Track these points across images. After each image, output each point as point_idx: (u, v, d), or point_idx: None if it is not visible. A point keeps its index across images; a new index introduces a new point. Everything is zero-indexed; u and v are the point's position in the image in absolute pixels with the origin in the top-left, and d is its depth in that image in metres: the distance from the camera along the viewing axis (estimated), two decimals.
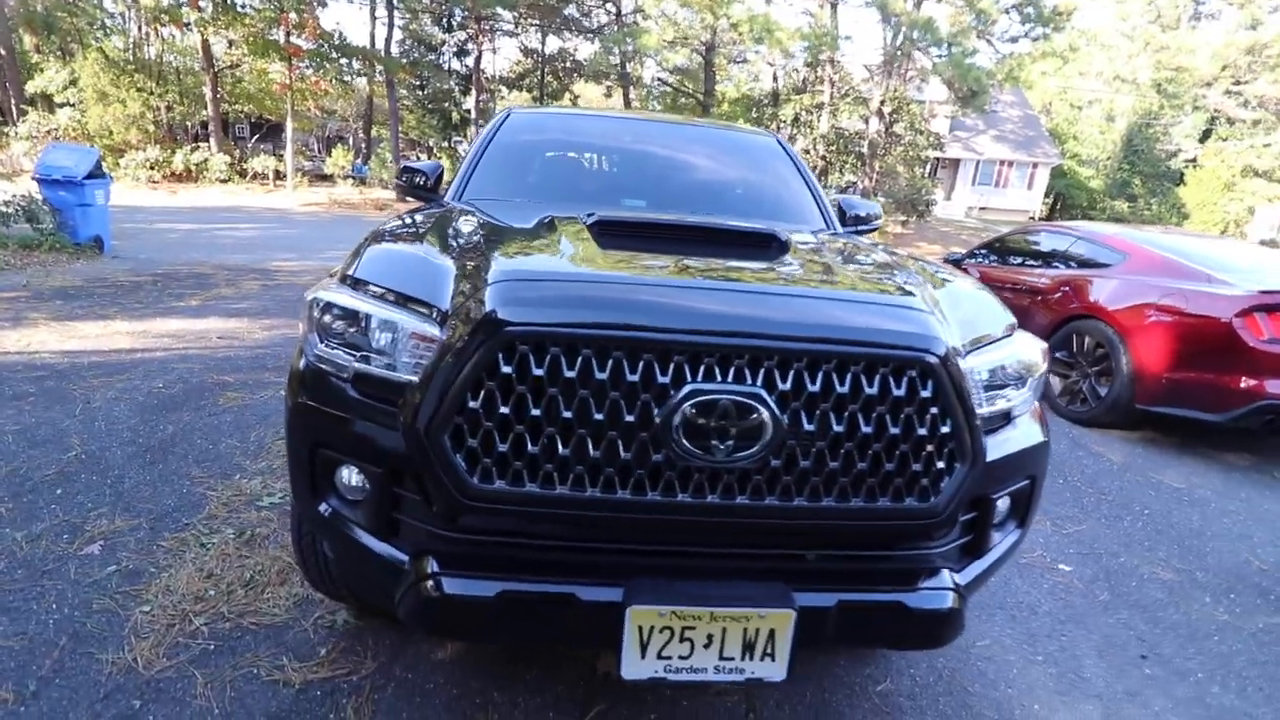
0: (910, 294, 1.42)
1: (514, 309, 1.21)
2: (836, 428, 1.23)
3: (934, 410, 1.26)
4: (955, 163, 32.35)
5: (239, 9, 20.45)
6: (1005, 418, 1.50)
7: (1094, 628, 2.33)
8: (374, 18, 25.59)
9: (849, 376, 1.23)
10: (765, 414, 1.19)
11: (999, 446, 1.43)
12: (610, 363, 1.19)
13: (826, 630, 1.26)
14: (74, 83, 21.48)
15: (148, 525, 2.52)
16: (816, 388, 1.22)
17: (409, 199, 2.86)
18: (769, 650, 1.24)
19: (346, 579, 1.82)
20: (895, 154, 21.42)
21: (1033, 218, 31.28)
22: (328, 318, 1.44)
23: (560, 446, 1.21)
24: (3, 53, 20.64)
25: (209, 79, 22.34)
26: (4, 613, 2.01)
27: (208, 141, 22.87)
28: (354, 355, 1.38)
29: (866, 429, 1.24)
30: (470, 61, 28.35)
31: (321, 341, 1.44)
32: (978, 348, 1.45)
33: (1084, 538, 3.00)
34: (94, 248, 8.39)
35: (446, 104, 31.01)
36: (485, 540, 1.29)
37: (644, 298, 1.27)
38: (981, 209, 31.52)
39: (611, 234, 1.63)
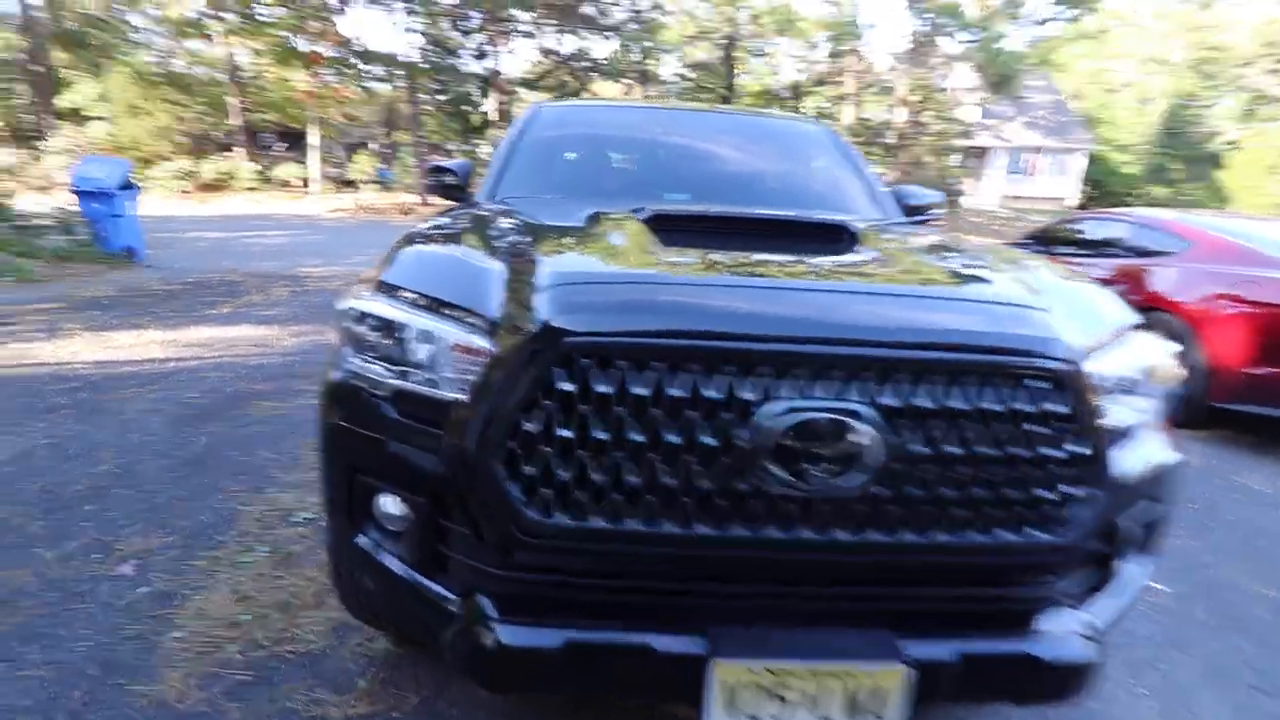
0: (1027, 291, 1.24)
1: (574, 316, 1.06)
2: (952, 449, 1.06)
3: (1065, 426, 1.08)
4: (983, 151, 31.60)
5: (261, 19, 20.68)
6: (1133, 432, 1.32)
7: (1198, 653, 2.12)
8: (393, 23, 25.73)
9: (967, 388, 1.06)
10: (869, 434, 1.03)
11: (1131, 466, 1.25)
12: (687, 377, 1.04)
13: (942, 686, 1.09)
14: (105, 96, 21.94)
15: (180, 543, 2.43)
16: (928, 402, 1.05)
17: (432, 203, 2.75)
18: (876, 711, 1.07)
19: (388, 613, 1.69)
20: (923, 144, 20.96)
21: (1067, 206, 30.43)
22: (362, 328, 1.31)
23: (630, 474, 1.05)
24: (40, 70, 21.14)
25: (235, 89, 22.66)
26: (34, 639, 1.92)
27: (235, 151, 23.21)
28: (392, 370, 1.25)
29: (987, 450, 1.06)
30: (489, 64, 28.37)
31: (356, 355, 1.31)
32: (1101, 351, 1.27)
33: (1173, 550, 2.76)
34: (127, 258, 8.47)
35: (466, 107, 31.07)
36: (545, 579, 1.14)
37: (723, 301, 1.12)
38: (1013, 198, 30.73)
39: (669, 229, 1.48)
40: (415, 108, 23.31)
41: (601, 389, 1.03)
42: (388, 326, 1.27)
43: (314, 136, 22.88)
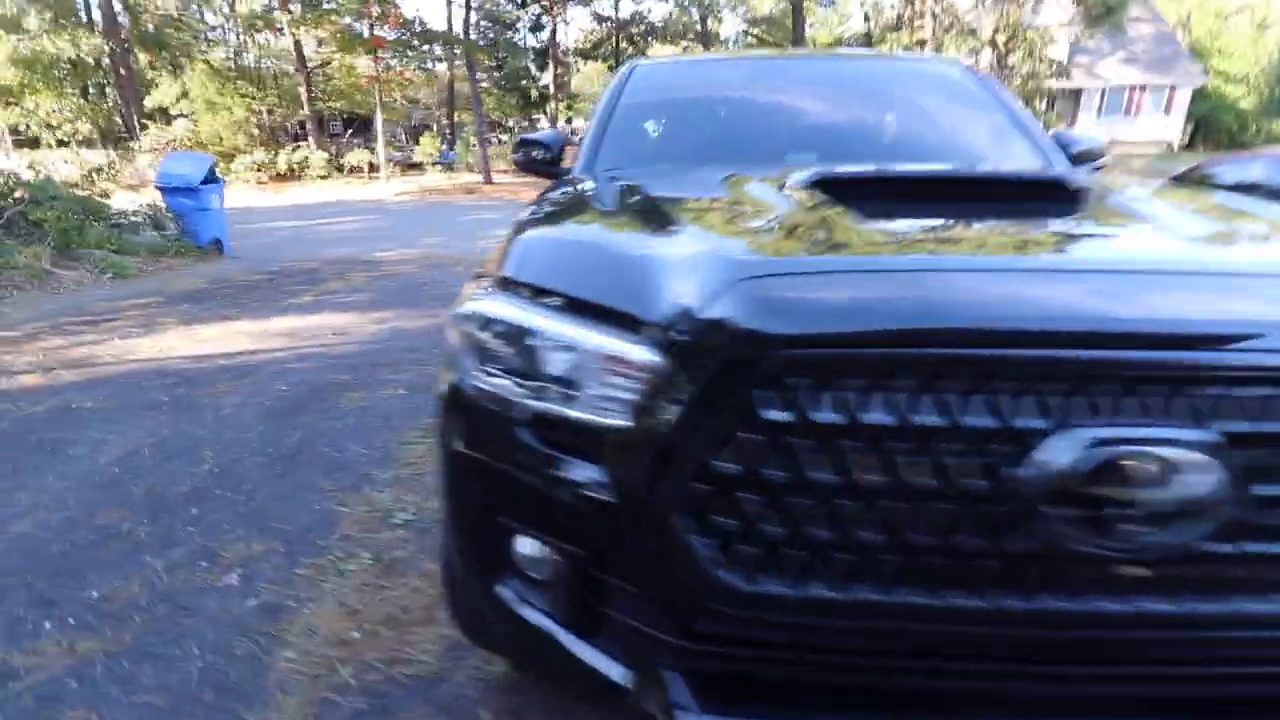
0: None
1: (783, 319, 0.80)
2: None
3: None
4: (1076, 93, 29.04)
5: (324, 6, 20.98)
6: None
7: None
8: (450, 2, 25.69)
9: None
10: (1206, 470, 0.72)
11: None
12: (944, 397, 0.76)
13: None
14: (185, 95, 22.87)
15: (283, 549, 2.34)
16: None
17: (497, 183, 2.51)
18: None
19: (527, 663, 1.46)
20: (1012, 88, 19.34)
21: (1170, 147, 27.77)
22: (486, 335, 1.07)
23: (864, 530, 0.79)
24: (123, 73, 22.22)
25: (303, 79, 23.22)
26: (147, 659, 1.85)
27: (306, 140, 23.86)
28: (526, 387, 1.01)
29: None
30: (545, 35, 28.08)
31: (480, 368, 1.08)
32: None
33: None
34: (215, 250, 8.74)
35: (524, 81, 30.95)
36: (747, 655, 0.89)
37: (989, 292, 0.82)
38: (1110, 142, 28.20)
39: (852, 197, 1.17)
40: (474, 85, 23.27)
41: (823, 418, 0.76)
42: (516, 333, 1.03)
43: (379, 122, 23.24)
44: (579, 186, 1.77)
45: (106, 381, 4.03)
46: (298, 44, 22.50)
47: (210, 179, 8.68)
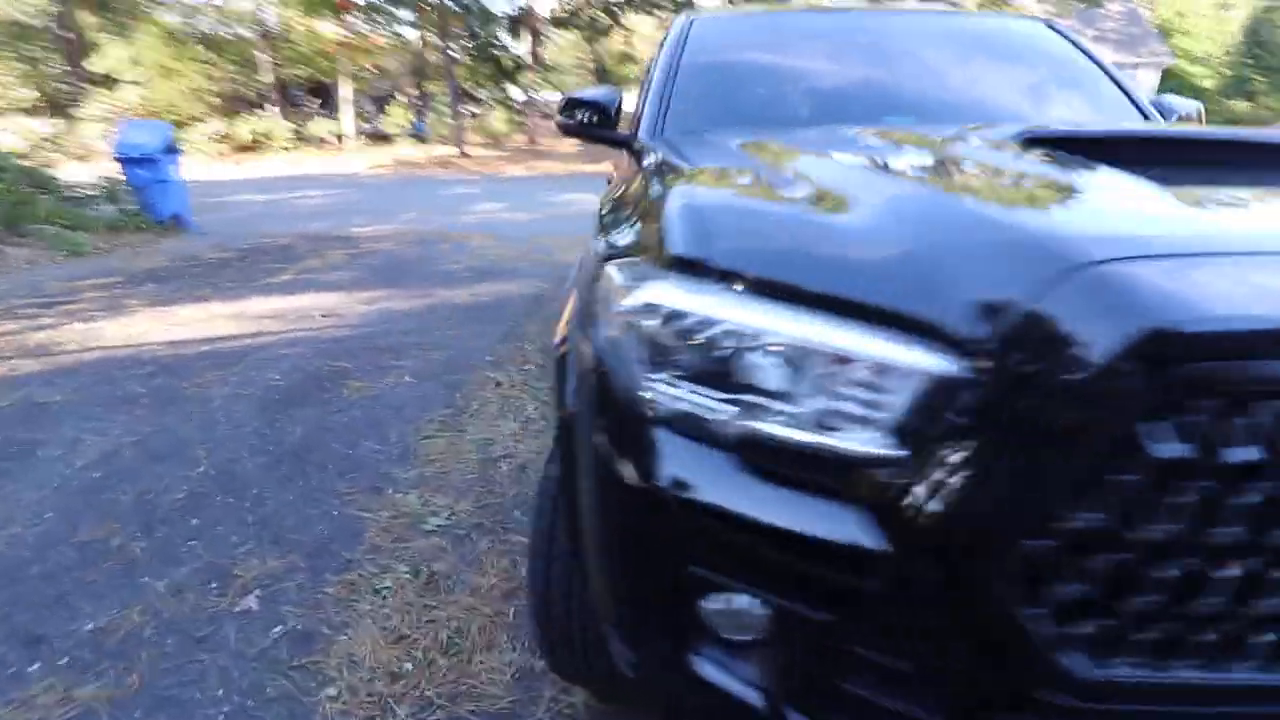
0: None
1: (1186, 320, 0.57)
2: None
3: None
4: None
5: None
6: None
7: None
8: None
9: None
10: None
11: None
12: None
13: None
14: (136, 60, 21.50)
15: (305, 565, 2.07)
16: None
17: (472, 155, 2.20)
18: None
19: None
20: None
21: None
22: (667, 332, 0.81)
23: (1266, 596, 0.58)
24: (72, 37, 20.78)
25: (264, 45, 22.00)
26: (163, 706, 1.57)
27: (267, 109, 22.70)
28: (737, 402, 0.76)
29: None
30: (520, 2, 27.09)
31: (657, 376, 0.82)
32: None
33: None
34: (176, 225, 8.17)
35: (497, 51, 29.91)
36: None
37: None
38: None
39: (1111, 160, 0.93)
40: (447, 54, 22.32)
41: (1239, 456, 0.54)
42: (714, 331, 0.77)
43: (346, 90, 22.20)
44: (696, 149, 1.45)
45: (73, 372, 3.64)
46: (256, 6, 21.28)
47: (169, 149, 8.07)
